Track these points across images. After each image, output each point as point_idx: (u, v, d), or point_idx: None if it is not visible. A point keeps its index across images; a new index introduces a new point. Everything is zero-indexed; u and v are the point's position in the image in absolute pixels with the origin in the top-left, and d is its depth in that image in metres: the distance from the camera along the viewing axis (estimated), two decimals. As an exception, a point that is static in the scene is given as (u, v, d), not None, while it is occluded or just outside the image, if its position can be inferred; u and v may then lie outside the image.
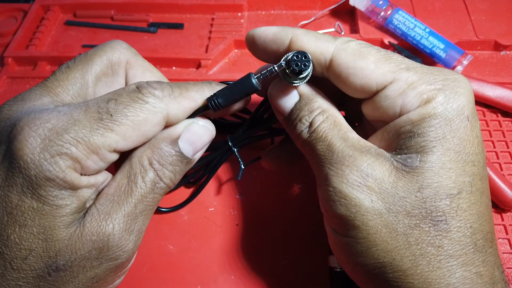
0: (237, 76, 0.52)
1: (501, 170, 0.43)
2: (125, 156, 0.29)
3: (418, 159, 0.26)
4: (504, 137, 0.46)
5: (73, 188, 0.26)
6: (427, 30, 0.51)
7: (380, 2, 0.53)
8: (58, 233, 0.25)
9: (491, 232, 0.27)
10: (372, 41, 0.54)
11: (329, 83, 0.30)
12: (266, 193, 0.42)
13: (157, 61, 0.54)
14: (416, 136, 0.26)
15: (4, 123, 0.26)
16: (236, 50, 0.56)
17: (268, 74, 0.29)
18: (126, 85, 0.32)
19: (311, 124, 0.29)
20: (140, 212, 0.28)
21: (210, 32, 0.58)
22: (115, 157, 0.27)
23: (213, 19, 0.59)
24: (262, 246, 0.39)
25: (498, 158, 0.44)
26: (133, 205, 0.27)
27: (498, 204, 0.40)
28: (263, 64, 0.35)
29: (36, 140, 0.24)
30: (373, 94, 0.28)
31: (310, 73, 0.29)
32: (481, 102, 0.48)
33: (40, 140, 0.24)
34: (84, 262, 0.26)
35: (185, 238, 0.40)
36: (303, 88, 0.30)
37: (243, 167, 0.37)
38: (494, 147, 0.45)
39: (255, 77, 0.29)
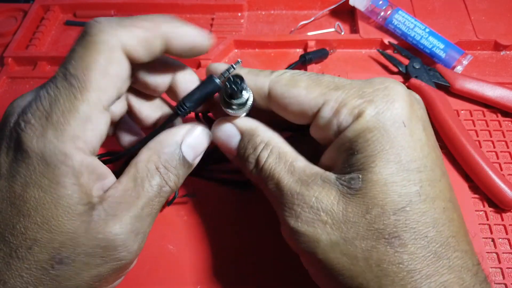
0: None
1: (501, 170, 0.43)
2: (128, 161, 0.30)
3: (360, 180, 0.26)
4: (504, 137, 0.46)
5: (75, 173, 0.26)
6: (427, 30, 0.51)
7: (380, 2, 0.53)
8: (62, 224, 0.25)
9: (454, 235, 0.26)
10: (372, 41, 0.54)
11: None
12: (266, 193, 0.42)
13: (157, 61, 0.54)
14: (356, 153, 0.26)
15: (10, 120, 0.27)
16: (236, 50, 0.56)
17: (228, 71, 0.30)
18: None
19: (257, 162, 0.30)
20: (146, 215, 0.28)
21: (210, 32, 0.58)
22: (108, 116, 0.28)
23: (213, 19, 0.59)
24: (263, 246, 0.39)
25: (498, 158, 0.44)
26: (140, 208, 0.28)
27: (498, 204, 0.40)
28: (262, 64, 0.35)
29: (31, 128, 0.25)
30: (312, 118, 0.29)
31: (250, 103, 0.30)
32: (481, 102, 0.48)
33: (35, 128, 0.25)
34: (88, 259, 0.26)
35: (185, 238, 0.40)
36: (243, 123, 0.31)
37: (176, 195, 0.39)
38: (494, 147, 0.45)
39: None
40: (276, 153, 0.29)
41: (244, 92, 0.30)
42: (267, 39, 0.55)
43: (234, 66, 0.30)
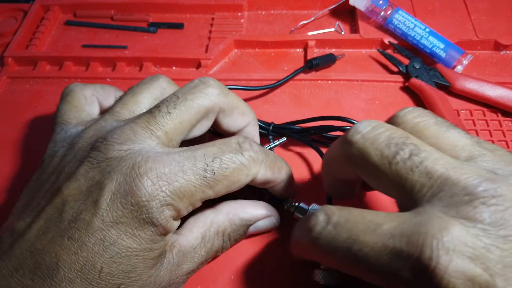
0: (237, 76, 0.52)
1: (501, 170, 0.43)
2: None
3: None
4: (504, 137, 0.46)
5: (166, 233, 0.28)
6: (427, 29, 0.51)
7: (380, 2, 0.53)
8: (142, 273, 0.27)
9: None
10: (372, 41, 0.54)
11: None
12: (266, 193, 0.42)
13: (157, 61, 0.54)
14: None
15: (116, 162, 0.27)
16: (236, 50, 0.56)
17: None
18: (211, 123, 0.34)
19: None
20: (194, 269, 0.31)
21: (210, 32, 0.58)
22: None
23: (213, 19, 0.59)
24: (262, 246, 0.39)
25: (498, 158, 0.44)
26: (196, 265, 0.31)
27: (498, 204, 0.40)
28: (262, 64, 0.35)
29: (153, 185, 0.26)
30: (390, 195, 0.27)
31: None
32: (481, 102, 0.48)
33: (156, 187, 0.26)
34: None
35: (185, 238, 0.40)
36: None
37: None
38: (494, 147, 0.45)
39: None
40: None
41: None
42: (267, 39, 0.55)
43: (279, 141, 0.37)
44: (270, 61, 0.54)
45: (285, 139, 0.41)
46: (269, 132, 0.43)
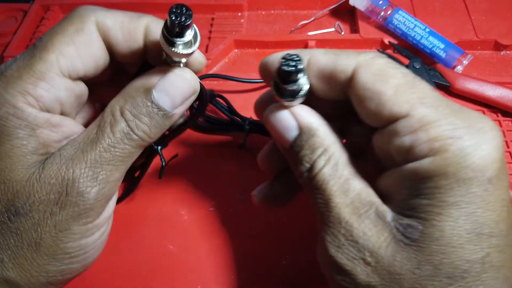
0: (237, 76, 0.52)
1: (501, 170, 0.43)
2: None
3: (419, 231, 0.22)
4: (504, 136, 0.46)
5: (30, 126, 0.25)
6: (427, 30, 0.51)
7: (380, 2, 0.53)
8: (16, 174, 0.25)
9: None
10: (372, 41, 0.54)
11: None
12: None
13: (157, 61, 0.54)
14: (421, 196, 0.23)
15: None
16: (236, 50, 0.56)
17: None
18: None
19: (312, 168, 0.26)
20: (106, 161, 0.27)
21: (210, 32, 0.58)
22: (70, 84, 0.27)
23: (213, 19, 0.59)
24: (262, 246, 0.39)
25: (498, 158, 0.44)
26: (98, 153, 0.26)
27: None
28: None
29: None
30: (384, 125, 0.24)
31: (304, 89, 0.26)
32: (481, 102, 0.48)
33: None
34: (44, 207, 0.25)
35: (185, 238, 0.40)
36: (304, 117, 0.27)
37: (164, 165, 0.35)
38: (494, 147, 0.45)
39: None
40: (334, 162, 0.25)
41: (301, 76, 0.25)
42: (267, 39, 0.55)
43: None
44: (270, 61, 0.54)
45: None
46: (244, 126, 0.43)
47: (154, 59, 0.30)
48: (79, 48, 0.27)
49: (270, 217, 0.41)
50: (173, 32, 0.25)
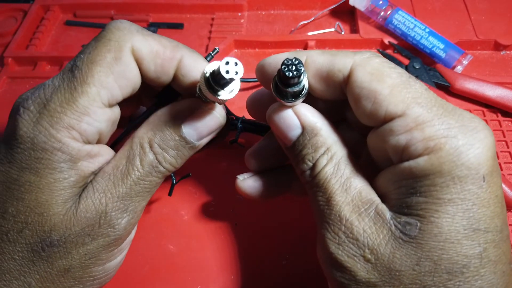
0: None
1: (501, 170, 0.43)
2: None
3: (418, 228, 0.23)
4: (504, 137, 0.46)
5: (73, 159, 0.26)
6: (427, 30, 0.51)
7: (380, 2, 0.53)
8: (55, 207, 0.26)
9: None
10: (372, 41, 0.54)
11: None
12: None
13: (157, 61, 0.54)
14: (417, 194, 0.23)
15: (13, 107, 0.27)
16: (236, 50, 0.56)
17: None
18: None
19: (314, 166, 0.26)
20: (135, 193, 0.28)
21: (210, 32, 0.58)
22: (109, 113, 0.27)
23: (213, 19, 0.59)
24: (262, 246, 0.39)
25: (498, 158, 0.44)
26: (129, 187, 0.27)
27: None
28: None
29: (29, 115, 0.25)
30: (380, 124, 0.25)
31: (305, 89, 0.26)
32: (481, 102, 0.48)
33: (33, 115, 0.25)
34: (77, 239, 0.26)
35: (185, 238, 0.40)
36: (307, 116, 0.27)
37: (174, 183, 0.37)
38: (494, 147, 0.45)
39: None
40: (336, 161, 0.26)
41: (302, 78, 0.25)
42: (267, 39, 0.55)
43: (212, 53, 0.28)
44: (270, 61, 0.54)
45: (217, 49, 0.38)
46: (237, 125, 0.43)
47: (178, 87, 0.30)
48: (118, 78, 0.27)
49: (270, 217, 0.41)
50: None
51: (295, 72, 0.24)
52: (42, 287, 0.26)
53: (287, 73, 0.24)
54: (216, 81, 0.26)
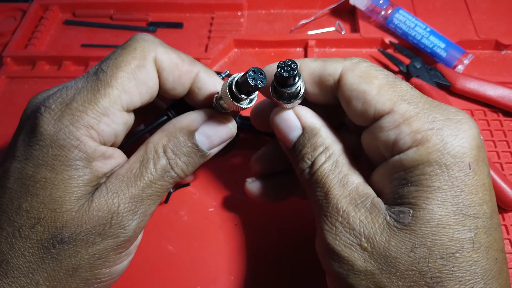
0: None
1: (502, 170, 0.43)
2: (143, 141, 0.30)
3: (411, 215, 0.24)
4: (505, 136, 0.46)
5: (88, 158, 0.27)
6: (428, 29, 0.51)
7: (381, 2, 0.53)
8: (68, 204, 0.26)
9: (502, 286, 0.24)
10: (373, 41, 0.54)
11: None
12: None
13: (157, 61, 0.54)
14: (409, 184, 0.24)
15: (31, 108, 0.28)
16: (236, 50, 0.56)
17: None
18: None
19: (313, 164, 0.28)
20: (147, 196, 0.29)
21: (210, 31, 0.58)
22: (126, 118, 0.28)
23: (212, 18, 0.59)
24: (262, 246, 0.39)
25: (499, 158, 0.44)
26: (141, 189, 0.28)
27: (500, 205, 0.40)
28: (262, 63, 0.35)
29: (50, 113, 0.26)
30: (371, 122, 0.27)
31: (302, 90, 0.28)
32: (482, 101, 0.48)
33: (54, 113, 0.26)
34: (88, 237, 0.26)
35: (185, 238, 0.40)
36: (307, 118, 0.29)
37: (172, 191, 0.37)
38: (495, 147, 0.45)
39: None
40: (334, 160, 0.27)
41: (297, 79, 0.27)
42: (267, 38, 0.54)
43: (222, 74, 0.30)
44: (270, 61, 0.54)
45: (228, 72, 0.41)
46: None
47: (191, 101, 0.32)
48: (139, 85, 0.28)
49: (270, 217, 0.41)
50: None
51: (290, 72, 0.26)
52: (50, 286, 0.26)
53: (283, 74, 0.26)
54: (240, 89, 0.27)
